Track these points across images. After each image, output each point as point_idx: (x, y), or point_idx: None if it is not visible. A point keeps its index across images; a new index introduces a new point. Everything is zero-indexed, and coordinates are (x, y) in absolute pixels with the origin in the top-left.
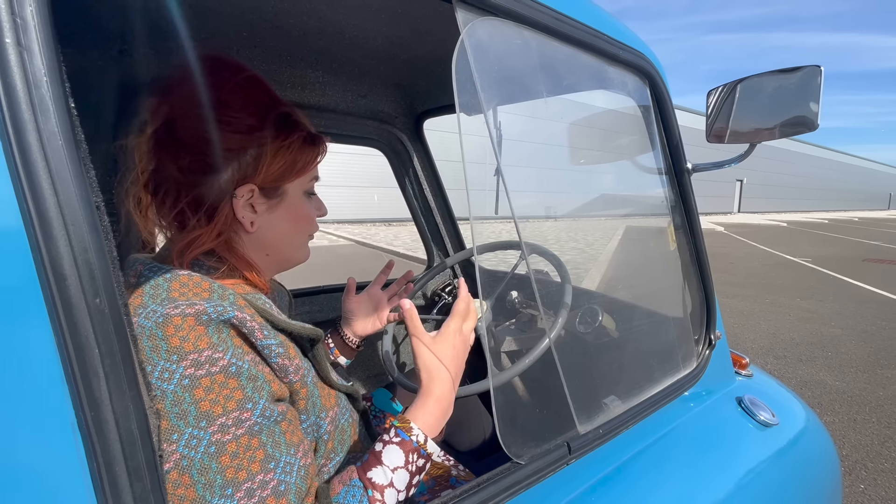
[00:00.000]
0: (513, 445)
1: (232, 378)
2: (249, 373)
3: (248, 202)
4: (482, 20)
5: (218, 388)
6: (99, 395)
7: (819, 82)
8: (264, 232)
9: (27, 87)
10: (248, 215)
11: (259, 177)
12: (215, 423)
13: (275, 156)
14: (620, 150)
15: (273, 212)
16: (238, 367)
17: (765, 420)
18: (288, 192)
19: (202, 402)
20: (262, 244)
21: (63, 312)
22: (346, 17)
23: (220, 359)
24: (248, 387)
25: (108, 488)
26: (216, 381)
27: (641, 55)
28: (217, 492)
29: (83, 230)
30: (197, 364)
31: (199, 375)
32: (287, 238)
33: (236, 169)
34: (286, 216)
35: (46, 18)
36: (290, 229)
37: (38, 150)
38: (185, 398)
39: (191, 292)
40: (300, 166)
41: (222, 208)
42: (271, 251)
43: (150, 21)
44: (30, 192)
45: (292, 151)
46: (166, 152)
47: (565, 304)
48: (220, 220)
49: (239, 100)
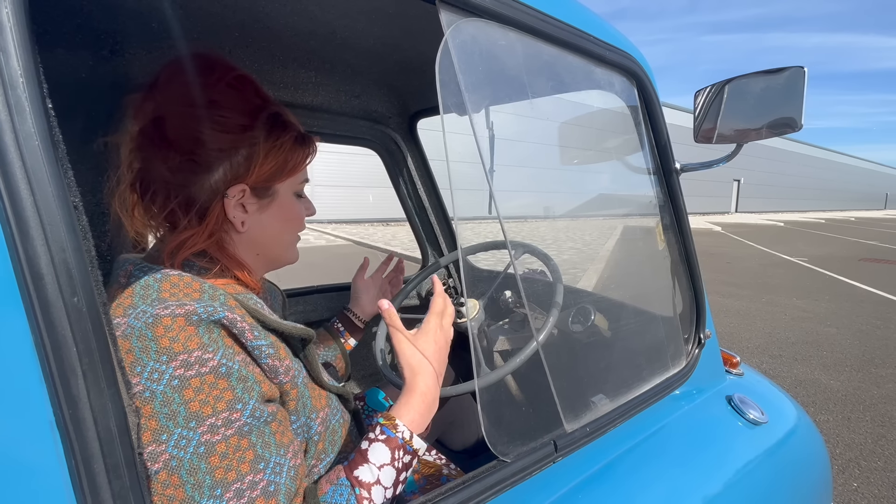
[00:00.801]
0: (498, 443)
1: (222, 379)
2: (239, 373)
3: (240, 202)
4: (466, 21)
5: (208, 389)
6: (77, 392)
7: (803, 83)
8: (255, 232)
9: (3, 88)
10: (240, 215)
11: (251, 177)
12: (205, 424)
13: (266, 156)
14: (609, 151)
15: (264, 212)
16: (228, 367)
17: (754, 418)
18: (279, 192)
19: (192, 403)
20: (253, 244)
21: (40, 311)
22: (337, 18)
23: (209, 359)
24: (238, 387)
25: (86, 486)
26: (206, 382)
27: (628, 55)
28: (206, 492)
29: (60, 230)
30: (187, 365)
31: (188, 376)
32: (277, 238)
33: (228, 169)
34: (277, 216)
35: (22, 20)
36: (280, 229)
37: (15, 151)
38: (174, 399)
39: (181, 293)
40: (291, 167)
41: (213, 208)
42: (261, 251)
43: (142, 21)
44: (6, 192)
45: (283, 152)
46: (155, 151)
47: (556, 303)
48: (212, 220)
49: (230, 99)
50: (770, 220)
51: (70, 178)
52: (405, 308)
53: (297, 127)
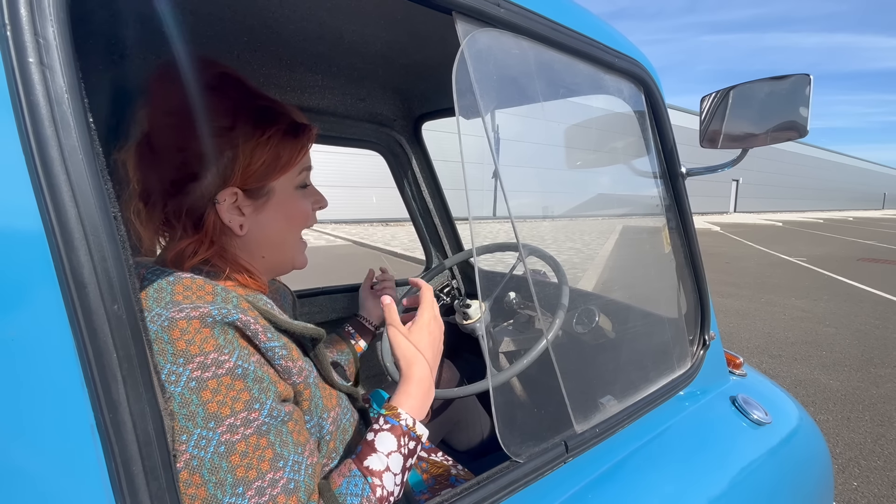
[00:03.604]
0: (511, 444)
1: (238, 380)
2: (255, 374)
3: (235, 205)
4: (481, 31)
5: (225, 390)
6: (117, 397)
7: (808, 90)
8: (256, 234)
9: (49, 104)
10: (237, 219)
11: (238, 178)
12: (224, 424)
13: (252, 154)
14: (616, 154)
15: (261, 212)
16: (244, 368)
17: (758, 419)
18: (275, 189)
19: (210, 404)
20: (257, 246)
21: (83, 319)
22: (346, 23)
23: (225, 361)
24: (255, 388)
25: (125, 488)
26: (223, 383)
27: (636, 62)
28: (228, 490)
29: (102, 240)
30: (203, 367)
31: (205, 378)
32: (281, 237)
33: (215, 174)
34: (276, 215)
35: (67, 38)
36: (282, 227)
37: (60, 164)
38: (192, 400)
39: (194, 295)
40: (284, 161)
41: (208, 216)
42: (267, 252)
43: (152, 26)
44: (52, 204)
45: (271, 147)
46: (148, 163)
47: (562, 305)
48: (209, 227)
49: (210, 102)
50: (768, 220)
51: (110, 189)
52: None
53: (287, 118)
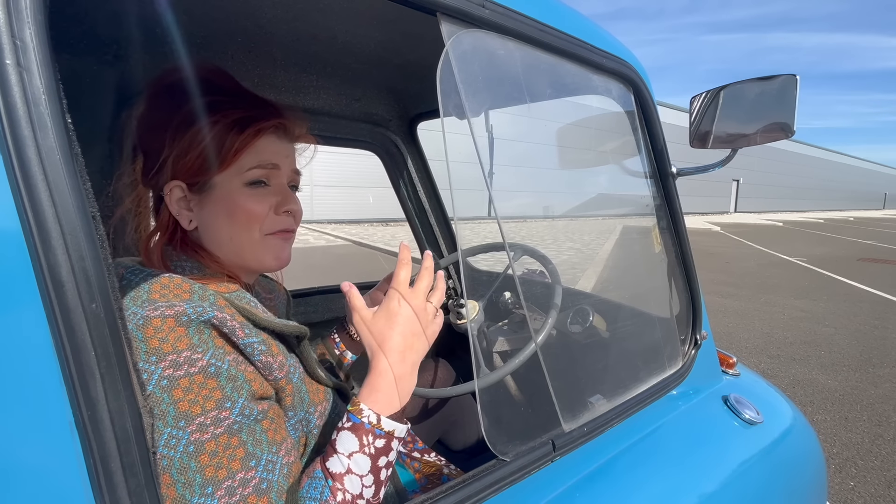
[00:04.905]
0: (498, 443)
1: (211, 378)
2: (229, 373)
3: (184, 199)
4: (466, 32)
5: (196, 389)
6: (95, 395)
7: (795, 90)
8: (204, 230)
9: (27, 105)
10: (185, 213)
11: (179, 172)
12: (194, 423)
13: (188, 147)
14: (607, 155)
15: (203, 207)
16: (217, 367)
17: (750, 418)
18: (216, 184)
19: (181, 403)
20: (209, 242)
21: (61, 317)
22: (339, 23)
23: (198, 359)
24: (228, 386)
25: (104, 484)
26: (195, 382)
27: (625, 63)
28: (197, 490)
29: (80, 239)
30: (175, 365)
31: (177, 376)
32: (227, 234)
33: (167, 167)
34: (217, 211)
35: (44, 39)
36: (224, 224)
37: (38, 165)
38: (163, 399)
39: (171, 294)
40: (225, 155)
41: (163, 207)
42: (219, 250)
43: (146, 27)
44: (29, 203)
45: (211, 140)
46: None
47: (555, 305)
48: (164, 216)
49: (159, 98)
50: (769, 220)
51: (88, 189)
52: None
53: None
